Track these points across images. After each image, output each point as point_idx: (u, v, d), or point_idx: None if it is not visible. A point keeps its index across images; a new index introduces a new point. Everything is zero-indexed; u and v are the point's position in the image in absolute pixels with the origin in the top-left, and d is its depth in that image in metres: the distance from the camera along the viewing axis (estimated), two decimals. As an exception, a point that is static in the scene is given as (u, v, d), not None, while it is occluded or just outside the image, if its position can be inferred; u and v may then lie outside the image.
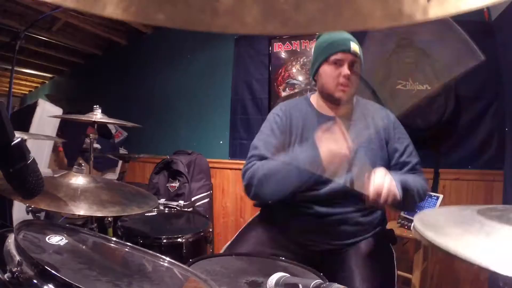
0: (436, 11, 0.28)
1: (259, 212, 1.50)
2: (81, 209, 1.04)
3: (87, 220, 1.75)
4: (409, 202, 1.18)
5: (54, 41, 3.91)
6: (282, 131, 1.33)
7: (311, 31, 0.29)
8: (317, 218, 1.25)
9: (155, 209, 1.91)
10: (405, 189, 1.13)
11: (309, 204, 1.26)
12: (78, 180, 1.19)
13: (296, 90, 2.81)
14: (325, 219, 1.25)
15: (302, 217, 1.27)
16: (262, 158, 1.27)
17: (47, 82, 6.24)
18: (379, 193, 1.05)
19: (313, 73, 1.37)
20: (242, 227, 1.46)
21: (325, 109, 1.37)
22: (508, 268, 0.42)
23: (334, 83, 1.28)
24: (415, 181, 1.20)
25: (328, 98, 1.34)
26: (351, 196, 1.20)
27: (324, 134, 1.11)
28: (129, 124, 2.00)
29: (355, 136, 1.27)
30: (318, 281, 0.71)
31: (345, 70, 1.26)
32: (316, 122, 1.32)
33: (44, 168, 2.63)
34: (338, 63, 1.27)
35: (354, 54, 1.26)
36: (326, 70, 1.30)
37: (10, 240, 0.77)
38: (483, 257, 0.45)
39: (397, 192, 1.07)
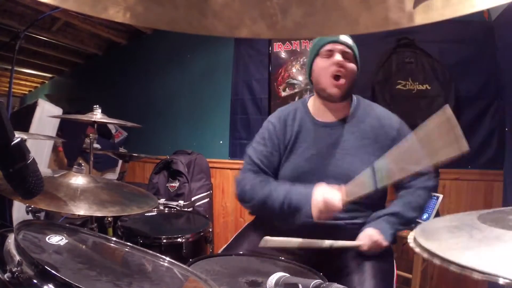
0: (421, 18, 0.28)
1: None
2: (81, 209, 1.05)
3: (87, 220, 1.75)
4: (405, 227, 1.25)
5: (54, 41, 3.91)
6: (273, 140, 1.34)
7: (298, 36, 0.29)
8: (314, 223, 1.23)
9: (155, 209, 1.91)
10: (396, 230, 1.21)
11: None
12: (78, 180, 1.19)
13: (296, 90, 2.81)
14: (322, 223, 1.23)
15: (299, 221, 1.26)
16: (252, 167, 1.33)
17: (47, 82, 6.24)
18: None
19: (309, 73, 1.35)
20: (239, 230, 1.45)
21: (321, 115, 1.33)
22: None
23: (328, 74, 1.25)
24: (404, 209, 1.23)
25: (323, 95, 1.30)
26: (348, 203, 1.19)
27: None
28: (129, 124, 2.00)
29: (349, 140, 1.26)
30: (318, 281, 0.71)
31: (336, 57, 1.23)
32: (312, 131, 1.31)
33: (44, 168, 2.63)
34: (329, 54, 1.25)
35: (345, 44, 1.24)
36: (318, 63, 1.28)
37: (10, 240, 0.77)
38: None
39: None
